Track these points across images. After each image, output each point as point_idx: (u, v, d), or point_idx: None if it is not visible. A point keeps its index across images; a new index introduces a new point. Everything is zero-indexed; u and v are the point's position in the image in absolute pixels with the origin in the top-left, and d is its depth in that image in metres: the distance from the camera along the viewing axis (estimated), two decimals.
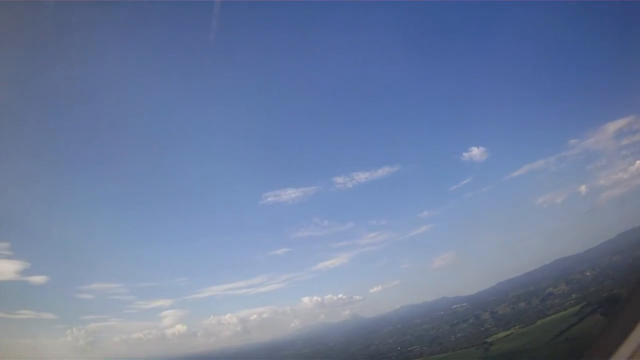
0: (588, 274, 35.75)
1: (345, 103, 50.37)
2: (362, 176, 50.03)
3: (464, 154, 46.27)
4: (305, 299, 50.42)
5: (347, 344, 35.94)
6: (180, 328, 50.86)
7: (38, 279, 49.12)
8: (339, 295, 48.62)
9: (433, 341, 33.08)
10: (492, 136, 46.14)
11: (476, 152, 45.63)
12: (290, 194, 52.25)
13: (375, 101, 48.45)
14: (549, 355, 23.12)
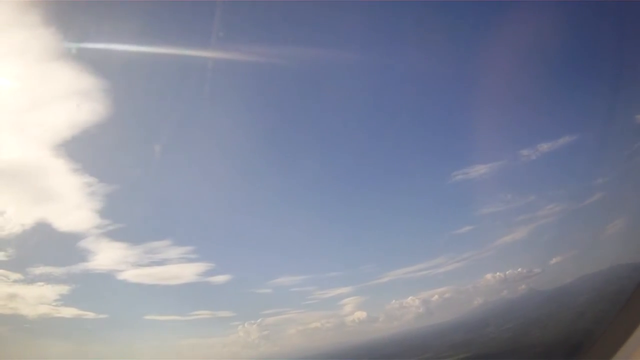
0: None
1: (526, 76, 48.37)
2: (545, 147, 48.41)
3: (637, 116, 45.41)
4: (488, 276, 49.74)
5: (552, 315, 36.07)
6: (360, 314, 51.65)
7: (219, 279, 51.34)
8: (519, 270, 48.45)
9: None
10: None
11: None
12: (478, 170, 50.36)
13: (553, 71, 46.53)
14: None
